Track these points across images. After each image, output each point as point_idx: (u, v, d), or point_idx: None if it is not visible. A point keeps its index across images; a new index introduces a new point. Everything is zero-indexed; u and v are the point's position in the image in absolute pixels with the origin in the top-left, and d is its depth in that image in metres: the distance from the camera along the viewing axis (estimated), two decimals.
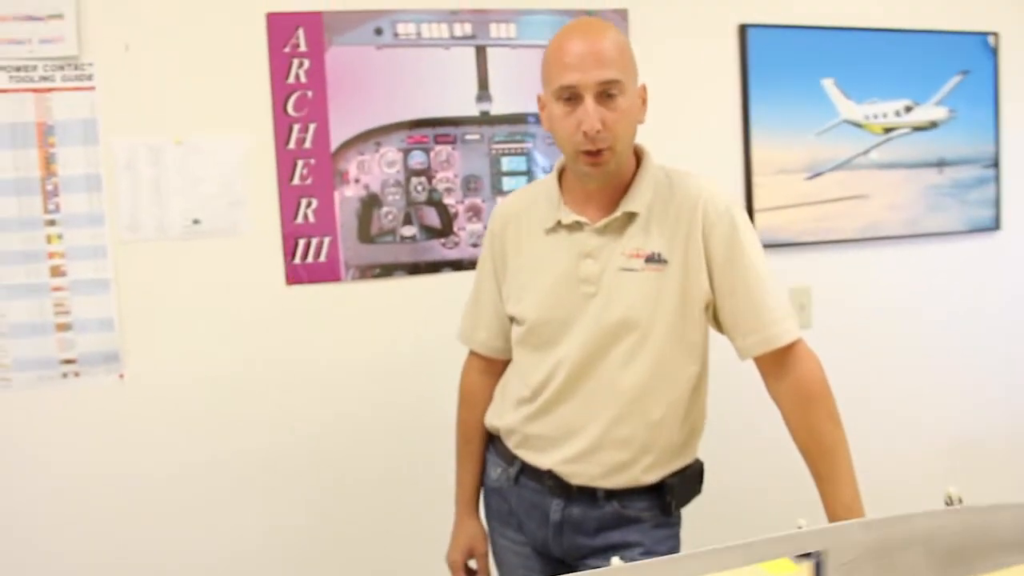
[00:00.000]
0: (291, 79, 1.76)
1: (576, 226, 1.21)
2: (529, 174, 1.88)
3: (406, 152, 1.82)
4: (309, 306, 1.79)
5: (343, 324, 1.82)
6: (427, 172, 1.82)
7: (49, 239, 1.71)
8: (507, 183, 1.87)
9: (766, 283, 1.16)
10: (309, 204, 1.80)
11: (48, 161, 1.71)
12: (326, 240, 1.80)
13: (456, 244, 1.85)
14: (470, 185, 1.84)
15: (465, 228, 1.85)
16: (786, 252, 2.07)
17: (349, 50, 1.78)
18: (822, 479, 1.10)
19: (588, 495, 1.19)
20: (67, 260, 1.72)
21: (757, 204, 2.02)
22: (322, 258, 1.80)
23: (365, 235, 1.81)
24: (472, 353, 1.39)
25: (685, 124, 1.93)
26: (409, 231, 1.83)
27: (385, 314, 1.84)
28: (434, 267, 1.84)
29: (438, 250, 1.85)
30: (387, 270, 1.81)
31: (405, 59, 1.80)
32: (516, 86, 1.85)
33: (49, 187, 1.71)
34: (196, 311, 1.76)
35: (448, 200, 1.84)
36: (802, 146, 2.07)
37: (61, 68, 1.68)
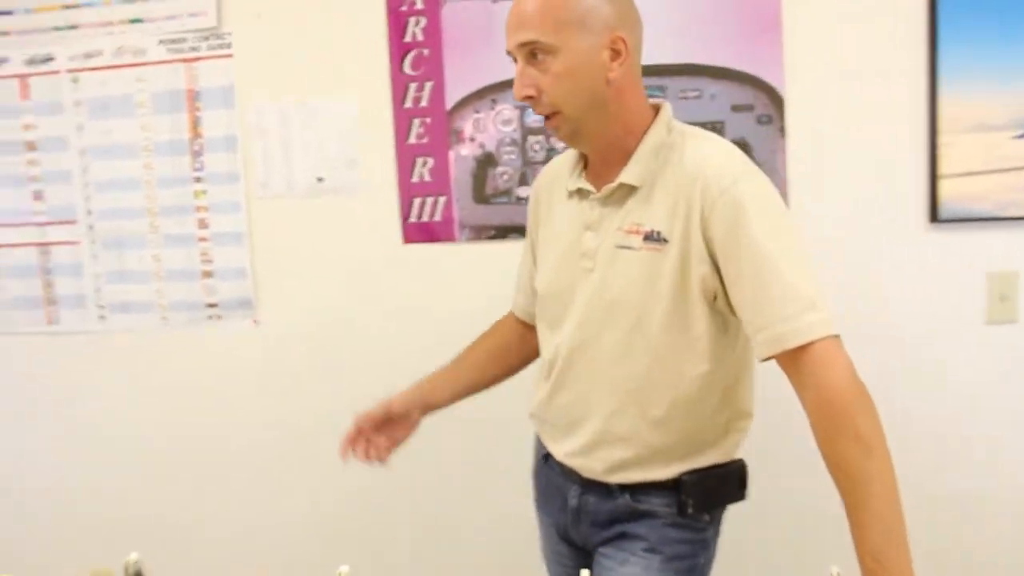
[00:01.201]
0: (407, 38, 2.01)
1: (583, 193, 1.27)
2: None
3: (523, 109, 1.99)
4: (424, 265, 2.04)
5: (457, 284, 2.08)
6: (544, 130, 2.01)
7: (196, 195, 2.16)
8: None
9: (778, 271, 1.08)
10: (425, 163, 2.07)
11: (195, 124, 2.14)
12: (441, 200, 2.07)
13: None
14: None
15: None
16: (982, 228, 1.94)
17: (465, 5, 1.97)
18: (849, 516, 1.01)
19: (602, 486, 1.27)
20: (210, 214, 2.16)
21: (944, 168, 1.92)
22: (437, 218, 2.07)
23: (480, 195, 2.04)
24: (510, 313, 1.55)
25: (853, 66, 1.89)
26: (525, 192, 2.02)
27: (498, 276, 2.07)
28: None
29: None
30: (501, 232, 2.02)
31: None
32: (648, 36, 1.93)
33: (196, 148, 2.14)
34: (320, 264, 2.10)
35: None
36: (1010, 95, 1.92)
37: (206, 39, 2.06)
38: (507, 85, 1.95)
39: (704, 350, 1.19)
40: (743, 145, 1.86)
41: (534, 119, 1.95)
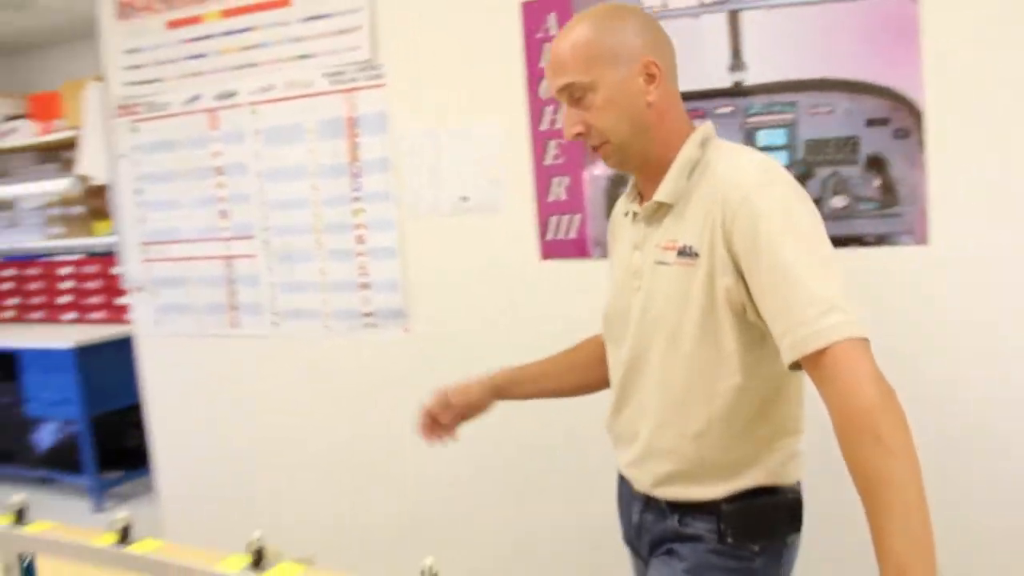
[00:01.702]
0: (542, 63, 2.23)
1: (634, 215, 1.39)
2: (790, 148, 2.07)
3: None
4: (560, 281, 2.23)
5: (590, 299, 2.28)
6: None
7: (354, 213, 2.50)
8: None
9: (796, 276, 1.13)
10: (561, 183, 2.27)
11: (354, 148, 2.48)
12: (576, 218, 2.26)
13: None
14: None
15: None
16: None
17: None
18: (869, 522, 1.02)
19: (657, 506, 1.37)
20: (367, 231, 2.49)
21: None
22: (572, 235, 2.27)
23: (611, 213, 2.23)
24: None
25: (1002, 72, 1.87)
26: None
27: None
28: None
29: None
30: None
31: None
32: (775, 51, 1.96)
33: (355, 170, 2.47)
34: (465, 278, 2.35)
35: None
36: None
37: (362, 70, 2.42)
38: None
39: (736, 363, 1.25)
40: (879, 161, 1.93)
41: None
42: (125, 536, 1.42)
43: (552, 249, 2.24)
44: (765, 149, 2.04)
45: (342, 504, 2.59)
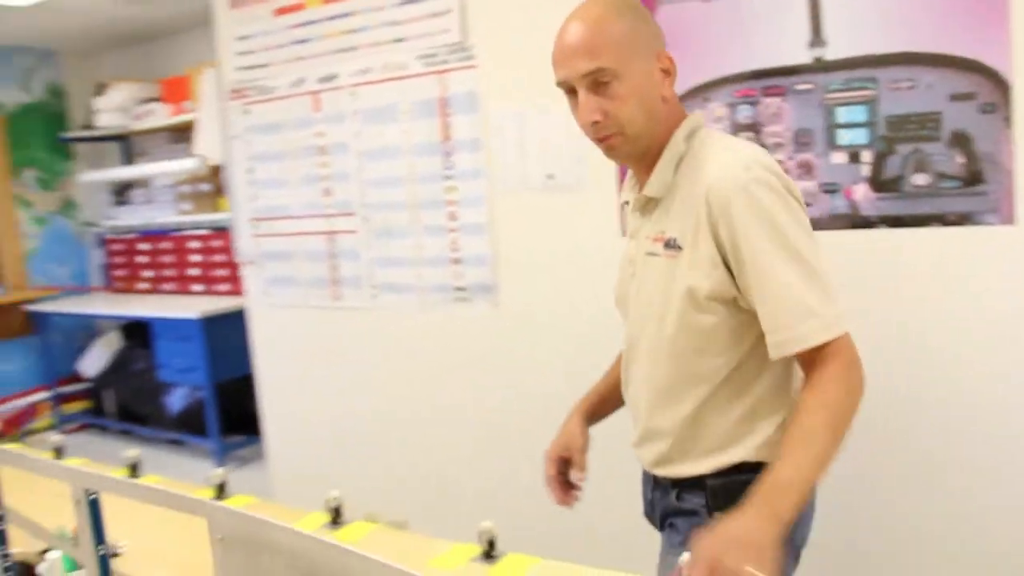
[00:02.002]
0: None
1: (631, 203, 1.49)
2: (871, 125, 2.09)
3: (733, 107, 2.22)
4: None
5: None
6: (755, 127, 2.18)
7: (447, 190, 2.69)
8: (842, 136, 2.12)
9: (777, 277, 1.25)
10: None
11: (446, 128, 2.66)
12: None
13: None
14: (801, 139, 2.14)
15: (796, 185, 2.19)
16: None
17: (679, 6, 2.22)
18: (782, 449, 1.22)
19: (661, 484, 1.48)
20: (459, 207, 2.67)
21: None
22: None
23: None
24: None
25: None
26: None
27: None
28: None
29: None
30: None
31: (733, 8, 2.11)
32: (856, 25, 1.99)
33: (447, 149, 2.65)
34: (550, 254, 2.50)
35: (778, 156, 2.14)
36: None
37: (454, 52, 2.58)
38: (721, 83, 2.20)
39: (720, 347, 1.36)
40: (963, 137, 1.95)
41: (744, 116, 2.19)
42: (221, 491, 1.64)
43: None
44: (845, 127, 2.08)
45: (433, 470, 2.80)
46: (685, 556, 1.12)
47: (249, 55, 2.96)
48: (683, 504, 1.45)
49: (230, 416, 4.54)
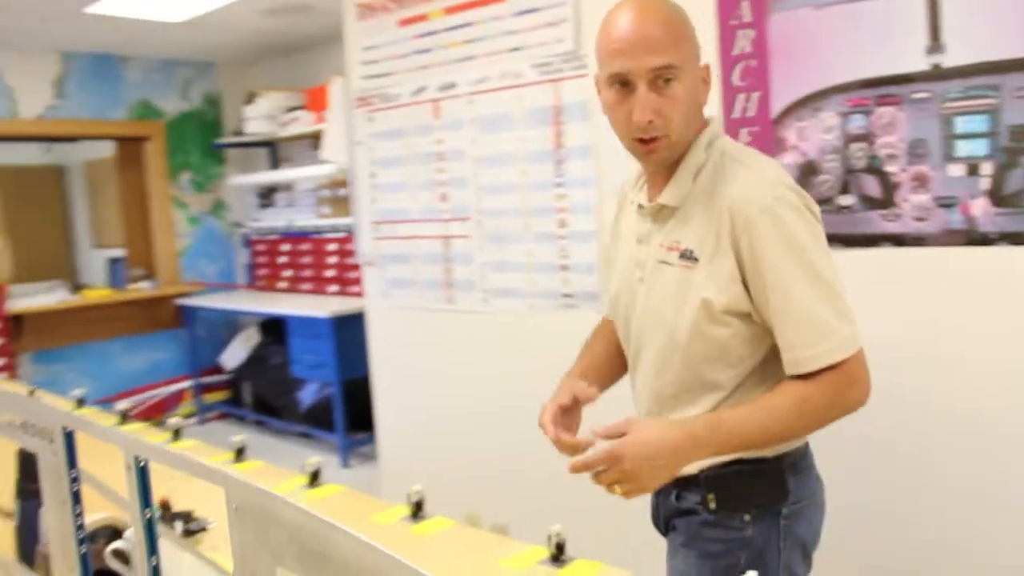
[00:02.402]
0: (736, 50, 2.31)
1: (641, 207, 1.46)
2: (992, 136, 1.99)
3: (845, 116, 2.16)
4: None
5: None
6: (867, 137, 2.11)
7: (558, 197, 2.73)
8: (961, 147, 2.02)
9: (796, 298, 1.28)
10: None
11: (559, 136, 2.72)
12: None
13: (897, 216, 2.11)
14: (916, 150, 2.06)
15: (908, 199, 2.08)
16: None
17: (790, 14, 2.18)
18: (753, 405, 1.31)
19: (664, 494, 1.46)
20: (569, 214, 2.70)
21: None
22: None
23: None
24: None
25: None
26: (846, 200, 2.20)
27: None
28: (871, 240, 2.17)
29: (877, 222, 2.15)
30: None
31: (846, 16, 2.07)
32: (977, 30, 1.91)
33: (559, 157, 2.69)
34: None
35: (890, 167, 2.10)
36: None
37: (567, 61, 2.63)
38: (833, 92, 2.16)
39: (734, 358, 1.37)
40: None
41: (856, 126, 2.14)
42: (314, 479, 1.74)
43: None
44: (963, 137, 2.01)
45: (539, 475, 2.85)
46: (599, 443, 1.21)
47: (374, 64, 3.11)
48: (682, 504, 1.46)
49: (356, 413, 4.73)
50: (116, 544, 1.36)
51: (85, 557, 1.06)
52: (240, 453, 1.89)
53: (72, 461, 1.03)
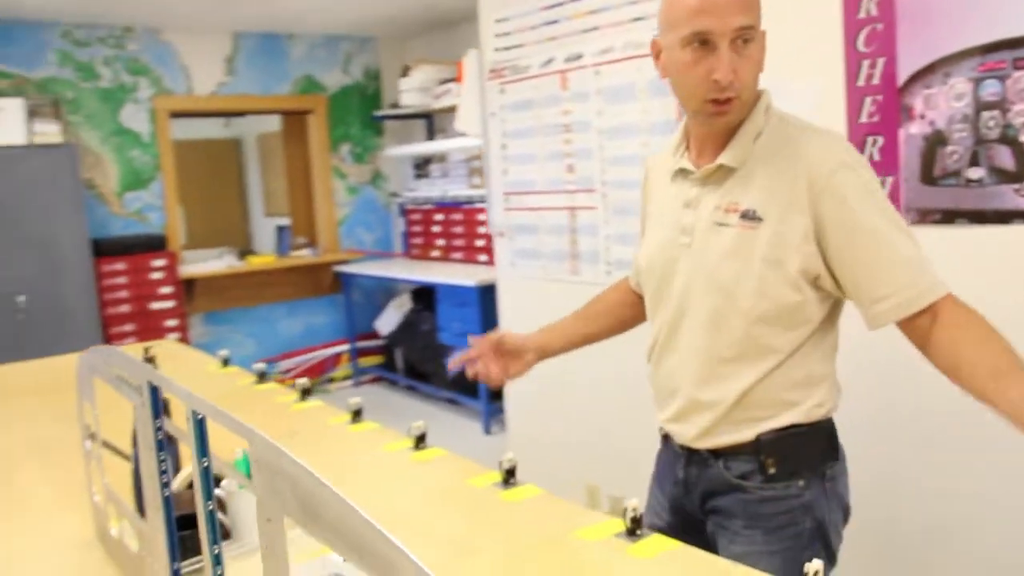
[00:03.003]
0: (861, 13, 2.21)
1: (684, 173, 1.47)
2: None
3: (977, 82, 2.04)
4: None
5: None
6: (1002, 104, 1.98)
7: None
8: None
9: (892, 245, 1.31)
10: (875, 142, 2.25)
11: (679, 106, 2.70)
12: (888, 180, 2.22)
13: None
14: None
15: None
16: None
17: None
18: (992, 378, 1.21)
19: (700, 456, 1.46)
20: None
21: None
22: None
23: (927, 176, 2.15)
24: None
25: None
26: (976, 173, 2.07)
27: (941, 266, 2.17)
28: (1003, 217, 2.03)
29: (1010, 197, 2.02)
30: (948, 216, 2.11)
31: None
32: None
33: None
34: None
35: None
36: None
37: None
38: (964, 56, 2.05)
39: (799, 319, 1.38)
40: None
41: (990, 92, 2.02)
42: (420, 442, 1.85)
43: None
44: None
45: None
46: None
47: (506, 37, 3.18)
48: (729, 473, 1.45)
49: None
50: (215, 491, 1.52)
51: (168, 499, 1.18)
52: (357, 415, 2.03)
53: (157, 412, 1.16)
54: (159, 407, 1.16)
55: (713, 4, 1.32)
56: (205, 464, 1.05)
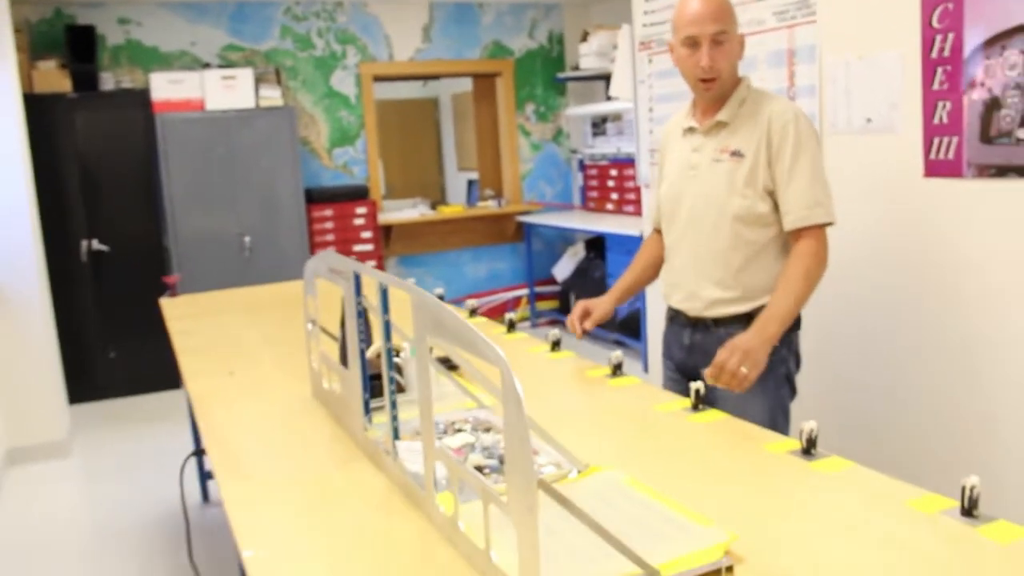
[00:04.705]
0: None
1: (691, 130, 2.32)
2: None
3: None
4: (939, 197, 2.70)
5: (963, 216, 2.71)
6: None
7: None
8: None
9: (807, 179, 2.13)
10: (944, 107, 2.69)
11: (792, 76, 3.22)
12: (953, 140, 2.67)
13: None
14: None
15: None
16: None
17: None
18: (773, 295, 2.13)
19: (703, 326, 2.21)
20: None
21: None
22: (950, 155, 2.69)
23: (985, 136, 2.58)
24: (652, 230, 2.51)
25: None
26: None
27: (998, 212, 2.61)
28: None
29: None
30: (1001, 171, 2.54)
31: None
32: None
33: (791, 95, 3.20)
34: (866, 190, 2.95)
35: None
36: None
37: (800, 9, 3.11)
38: (1017, 31, 2.50)
39: (766, 222, 2.21)
40: None
41: None
42: (616, 370, 2.30)
43: (934, 168, 2.75)
44: None
45: None
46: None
47: (654, 13, 3.78)
48: (728, 337, 2.10)
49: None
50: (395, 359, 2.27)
51: (363, 352, 1.87)
52: (556, 344, 2.68)
53: (358, 290, 1.87)
54: (359, 287, 1.87)
55: (697, 17, 2.18)
56: (386, 319, 1.76)
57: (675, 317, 2.42)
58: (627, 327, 5.89)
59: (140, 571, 3.33)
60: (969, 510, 1.33)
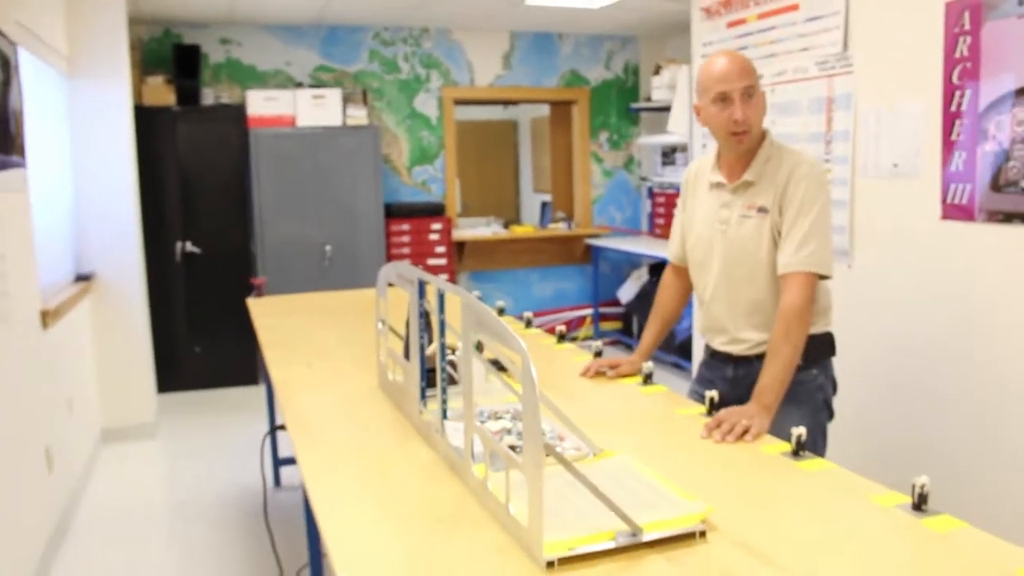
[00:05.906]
0: (957, 54, 2.98)
1: (720, 185, 2.45)
2: None
3: None
4: (953, 238, 3.03)
5: (976, 257, 3.01)
6: None
7: (825, 172, 3.61)
8: None
9: (805, 231, 2.26)
10: (960, 156, 3.02)
11: (830, 122, 3.56)
12: (967, 187, 3.00)
13: None
14: None
15: None
16: None
17: (998, 24, 2.82)
18: (764, 365, 2.23)
19: (747, 360, 2.39)
20: (832, 187, 3.58)
21: None
22: (964, 201, 3.01)
23: (995, 184, 2.90)
24: (670, 263, 2.69)
25: None
26: None
27: (1004, 255, 2.92)
28: None
29: None
30: (1008, 217, 2.85)
31: None
32: None
33: (828, 139, 3.56)
34: (890, 230, 3.29)
35: None
36: None
37: (839, 60, 3.47)
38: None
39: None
40: None
41: None
42: (647, 379, 2.59)
43: (950, 211, 3.08)
44: None
45: None
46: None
47: (710, 53, 4.17)
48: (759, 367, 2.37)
49: None
50: (449, 356, 2.68)
51: (422, 348, 2.27)
52: (598, 355, 3.03)
53: (421, 294, 2.27)
54: (422, 292, 2.27)
55: (727, 74, 2.33)
56: (442, 318, 2.15)
57: (716, 354, 2.58)
58: (684, 351, 6.23)
59: (219, 539, 3.81)
60: (919, 505, 1.58)
